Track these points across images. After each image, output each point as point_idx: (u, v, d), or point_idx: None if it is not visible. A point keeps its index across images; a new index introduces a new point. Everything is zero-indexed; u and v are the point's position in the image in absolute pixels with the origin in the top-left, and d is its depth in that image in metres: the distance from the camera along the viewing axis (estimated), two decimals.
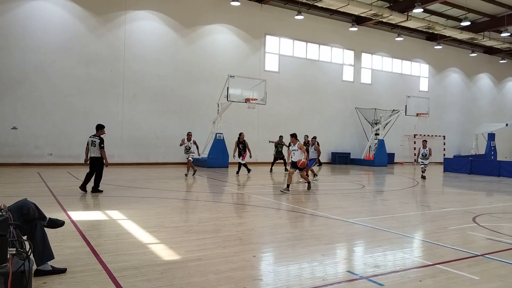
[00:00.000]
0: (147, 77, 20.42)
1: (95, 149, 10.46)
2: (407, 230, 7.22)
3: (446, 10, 25.71)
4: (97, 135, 10.59)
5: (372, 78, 28.58)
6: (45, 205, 7.84)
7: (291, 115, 24.67)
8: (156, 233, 6.36)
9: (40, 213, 4.30)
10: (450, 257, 5.48)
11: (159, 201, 9.54)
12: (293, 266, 4.98)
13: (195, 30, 21.76)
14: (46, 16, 18.22)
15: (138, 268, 4.62)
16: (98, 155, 10.47)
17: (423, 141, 18.10)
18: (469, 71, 34.17)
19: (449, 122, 32.66)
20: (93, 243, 5.58)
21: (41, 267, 4.20)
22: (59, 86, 18.46)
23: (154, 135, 20.63)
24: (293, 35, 24.82)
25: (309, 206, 9.48)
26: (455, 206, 10.25)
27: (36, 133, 17.98)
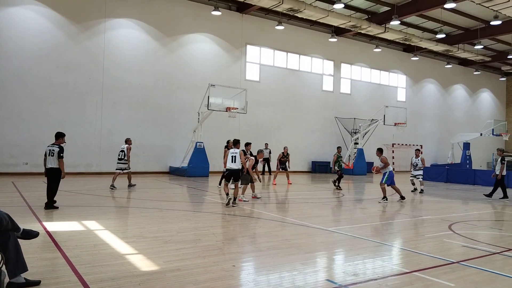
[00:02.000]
0: (126, 86, 20.21)
1: (52, 159, 9.31)
2: (386, 238, 7.31)
3: (422, 22, 26.41)
4: (56, 143, 9.53)
5: (352, 88, 29.02)
6: (19, 215, 7.64)
7: (272, 124, 24.78)
8: (134, 243, 6.27)
9: (14, 224, 4.19)
10: (427, 264, 5.56)
11: (138, 211, 9.40)
12: (273, 275, 4.97)
13: (176, 39, 21.72)
14: (23, 23, 17.89)
15: (115, 279, 4.53)
16: (55, 165, 9.32)
17: (416, 150, 16.95)
18: (445, 82, 35.07)
19: (426, 132, 33.37)
20: (69, 254, 5.46)
21: (14, 279, 4.08)
22: (36, 94, 18.09)
23: (134, 144, 20.31)
24: (273, 45, 25.04)
25: (289, 215, 9.50)
26: (432, 214, 10.44)
27: (11, 142, 17.54)
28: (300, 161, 26.24)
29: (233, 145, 11.02)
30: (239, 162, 10.59)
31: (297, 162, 26.09)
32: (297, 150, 25.84)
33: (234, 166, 10.57)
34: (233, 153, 10.69)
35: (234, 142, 11.08)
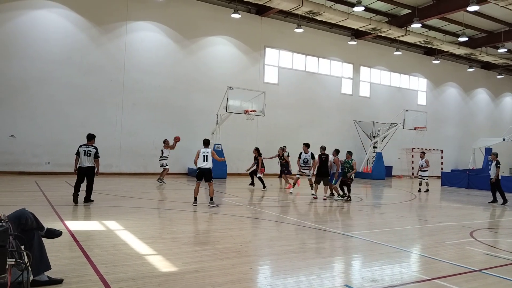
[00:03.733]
0: (146, 87, 20.48)
1: (89, 159, 10.16)
2: (405, 244, 7.21)
3: (444, 25, 26.00)
4: (89, 144, 10.34)
5: (371, 91, 28.75)
6: (42, 214, 7.81)
7: (290, 127, 24.73)
8: (153, 244, 6.34)
9: (38, 223, 4.30)
10: (448, 272, 5.47)
11: (157, 212, 9.52)
12: (291, 279, 4.97)
13: (195, 42, 21.91)
14: (47, 26, 18.33)
15: (135, 279, 4.60)
16: (92, 164, 10.23)
17: (421, 152, 18.25)
18: (467, 86, 34.42)
19: (447, 136, 32.79)
20: (90, 253, 5.56)
21: (38, 277, 4.18)
22: (58, 95, 18.50)
23: (152, 145, 20.60)
24: (292, 47, 25.01)
25: (307, 219, 9.46)
26: (453, 220, 10.26)
27: (34, 142, 17.96)
28: None
29: (203, 145, 11.21)
30: (211, 162, 10.82)
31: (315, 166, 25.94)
32: (315, 153, 25.69)
33: (205, 165, 10.75)
34: (205, 152, 10.86)
35: (204, 142, 11.27)
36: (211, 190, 10.89)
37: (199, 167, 10.83)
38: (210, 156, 10.85)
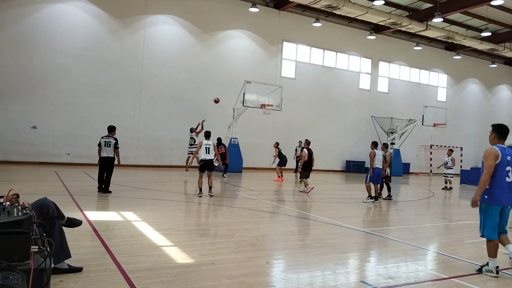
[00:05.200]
0: (164, 81, 20.64)
1: (109, 149, 10.70)
2: (422, 242, 7.13)
3: (466, 20, 25.43)
4: (110, 135, 10.89)
5: (389, 87, 28.37)
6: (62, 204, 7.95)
7: (307, 122, 24.62)
8: (170, 235, 6.42)
9: (59, 212, 4.39)
10: (466, 271, 5.40)
11: (173, 204, 9.62)
12: (306, 274, 4.97)
13: (213, 35, 21.94)
14: (67, 19, 18.59)
15: (152, 270, 4.67)
16: (112, 155, 10.72)
17: (448, 150, 18.20)
18: (489, 82, 33.65)
19: (467, 134, 32.17)
20: (109, 243, 5.66)
21: (58, 265, 4.28)
22: (79, 87, 18.79)
23: (170, 138, 20.80)
24: (310, 42, 24.83)
25: (323, 214, 9.43)
26: (472, 219, 10.08)
27: (54, 133, 18.32)
28: (334, 160, 25.98)
29: (205, 137, 11.52)
30: (213, 153, 11.21)
31: (331, 161, 25.85)
32: (331, 149, 25.60)
33: (208, 157, 11.13)
34: (207, 144, 11.26)
35: (206, 134, 11.59)
36: (210, 181, 11.34)
37: (203, 159, 11.27)
38: (212, 148, 11.29)
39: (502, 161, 5.23)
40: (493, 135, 5.48)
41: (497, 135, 5.43)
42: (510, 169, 5.28)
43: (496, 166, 5.22)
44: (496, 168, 5.23)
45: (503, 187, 5.24)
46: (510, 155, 5.31)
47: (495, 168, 5.23)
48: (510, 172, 5.27)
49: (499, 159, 5.22)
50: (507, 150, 5.34)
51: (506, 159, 5.26)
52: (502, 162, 5.23)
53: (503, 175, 5.24)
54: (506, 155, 5.28)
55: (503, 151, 5.28)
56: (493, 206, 5.28)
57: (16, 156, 17.55)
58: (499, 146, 5.36)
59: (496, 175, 5.24)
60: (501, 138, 5.43)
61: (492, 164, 5.21)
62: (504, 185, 5.25)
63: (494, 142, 5.45)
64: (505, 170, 5.25)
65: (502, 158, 5.23)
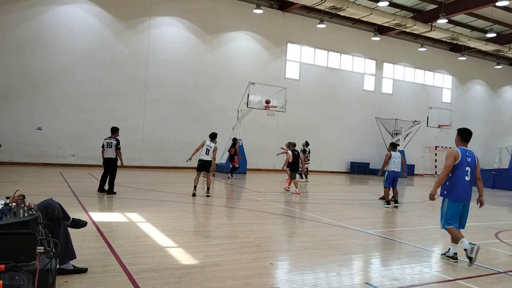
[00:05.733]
0: (168, 82, 20.69)
1: (111, 150, 10.76)
2: (427, 243, 7.10)
3: (471, 21, 25.32)
4: (112, 137, 10.92)
5: (394, 88, 28.30)
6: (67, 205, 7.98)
7: (311, 123, 24.60)
8: (175, 236, 6.43)
9: (65, 213, 4.41)
10: (472, 273, 5.37)
11: (178, 205, 9.63)
12: (310, 275, 4.96)
13: (217, 37, 21.98)
14: (72, 21, 18.69)
15: (157, 271, 4.68)
16: (114, 156, 10.78)
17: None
18: (494, 83, 33.49)
19: (472, 135, 31.96)
20: (113, 244, 5.68)
21: (63, 266, 4.29)
22: (83, 88, 18.88)
23: (174, 140, 20.85)
24: (314, 43, 24.82)
25: (327, 216, 9.41)
26: (477, 221, 10.04)
27: (59, 134, 18.41)
28: (338, 162, 25.94)
29: (210, 138, 11.65)
30: (211, 155, 11.28)
31: (335, 162, 25.81)
32: (336, 150, 25.57)
33: (206, 158, 11.29)
34: (208, 146, 11.37)
35: (211, 136, 11.70)
36: (208, 181, 11.43)
37: (201, 159, 11.39)
38: (212, 150, 11.33)
39: (462, 161, 5.76)
40: (457, 138, 6.08)
41: (461, 138, 6.05)
42: (469, 169, 5.81)
43: (456, 166, 5.75)
44: (456, 167, 5.75)
45: (463, 185, 5.76)
46: (470, 157, 5.88)
47: (455, 168, 5.75)
48: (469, 172, 5.81)
49: (458, 159, 5.76)
50: (468, 152, 5.89)
51: (466, 160, 5.80)
52: (462, 163, 5.76)
53: (463, 174, 5.77)
54: (466, 156, 5.82)
55: (464, 153, 5.83)
56: (455, 202, 5.82)
57: (21, 157, 17.64)
58: (461, 148, 5.91)
59: (457, 175, 5.76)
60: (464, 140, 6.03)
61: (451, 164, 5.75)
62: (464, 184, 5.77)
63: (458, 144, 6.04)
64: (464, 170, 5.78)
65: (462, 159, 5.77)
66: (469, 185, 5.83)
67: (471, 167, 5.85)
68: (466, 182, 5.79)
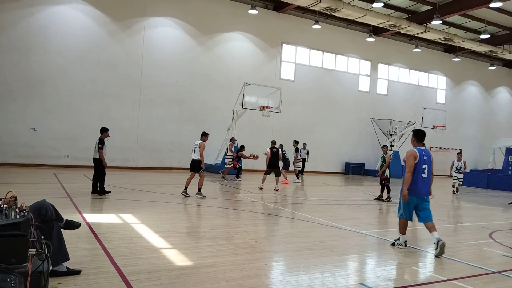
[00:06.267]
0: (163, 83, 20.64)
1: (95, 150, 10.82)
2: (422, 244, 7.12)
3: (465, 22, 25.46)
4: (100, 137, 10.89)
5: (389, 89, 28.40)
6: (61, 206, 7.95)
7: (306, 124, 24.62)
8: (169, 238, 6.40)
9: (58, 215, 4.37)
10: (466, 273, 5.39)
11: (172, 206, 9.60)
12: (305, 276, 4.96)
13: (213, 37, 21.96)
14: (66, 21, 18.59)
15: (151, 272, 4.65)
16: (97, 156, 10.77)
17: (457, 153, 17.92)
18: (488, 84, 33.70)
19: (466, 136, 32.19)
20: (108, 245, 5.64)
21: (57, 267, 4.26)
22: (78, 89, 18.78)
23: (169, 140, 20.79)
24: (309, 44, 24.85)
25: (322, 216, 9.42)
26: (471, 221, 10.09)
27: (53, 135, 18.29)
28: (333, 162, 25.98)
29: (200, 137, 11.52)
30: (198, 153, 11.09)
31: (330, 163, 25.85)
32: (331, 151, 25.60)
33: (193, 157, 11.21)
34: (195, 144, 11.34)
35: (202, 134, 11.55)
36: (199, 182, 11.24)
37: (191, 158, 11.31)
38: (198, 147, 11.17)
39: (420, 160, 6.30)
40: (413, 139, 6.57)
41: (416, 139, 6.52)
42: (426, 167, 6.34)
43: (415, 165, 6.26)
44: (415, 166, 6.27)
45: (420, 181, 6.30)
46: (426, 155, 6.39)
47: (415, 166, 6.26)
48: (426, 170, 6.34)
49: (417, 159, 6.27)
50: (424, 151, 6.40)
51: (423, 159, 6.32)
52: (420, 162, 6.29)
53: (420, 172, 6.30)
54: (423, 155, 6.34)
55: (421, 152, 6.34)
56: (412, 197, 6.33)
57: (15, 158, 17.51)
58: (418, 148, 6.41)
59: (416, 172, 6.27)
60: (419, 141, 6.51)
61: (412, 164, 6.26)
62: (421, 180, 6.30)
63: (414, 145, 6.52)
64: (422, 167, 6.31)
65: (420, 158, 6.29)
66: (426, 182, 6.35)
67: (427, 164, 6.36)
68: (424, 179, 6.32)
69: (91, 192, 10.72)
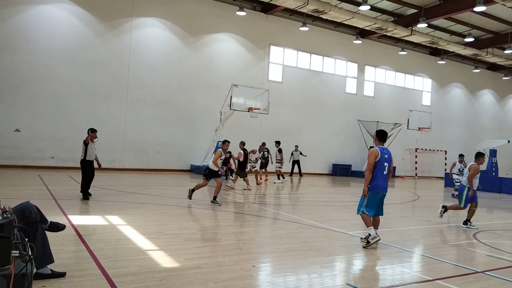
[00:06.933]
0: (150, 84, 20.51)
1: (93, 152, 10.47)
2: (407, 244, 7.20)
3: (450, 26, 25.87)
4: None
5: (375, 91, 28.67)
6: (46, 208, 7.84)
7: (294, 125, 24.71)
8: (156, 239, 6.36)
9: (42, 216, 4.32)
10: (450, 273, 5.46)
11: (159, 208, 9.53)
12: (292, 277, 4.97)
13: (200, 39, 21.91)
14: (52, 21, 18.37)
15: (137, 274, 4.61)
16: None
17: (459, 155, 17.00)
18: (472, 87, 34.26)
19: (451, 137, 32.66)
20: (93, 247, 5.58)
21: (41, 270, 4.20)
22: (63, 89, 18.55)
23: (156, 142, 20.66)
24: (297, 46, 24.96)
25: (309, 218, 9.45)
26: (456, 221, 10.23)
27: (38, 136, 18.03)
28: (320, 164, 26.11)
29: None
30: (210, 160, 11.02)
31: (318, 164, 25.97)
32: (318, 152, 25.73)
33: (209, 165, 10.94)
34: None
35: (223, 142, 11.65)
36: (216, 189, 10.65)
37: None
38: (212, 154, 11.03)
39: (381, 158, 6.68)
40: (375, 139, 7.04)
41: (378, 139, 6.97)
42: (387, 165, 6.75)
43: (376, 163, 6.66)
44: (376, 164, 6.66)
45: (381, 178, 6.69)
46: (387, 154, 6.79)
47: (376, 164, 6.65)
48: (386, 167, 6.74)
49: (378, 157, 6.66)
50: (385, 150, 6.81)
51: (384, 157, 6.72)
52: (381, 160, 6.68)
53: (382, 169, 6.70)
54: (384, 154, 6.75)
55: (382, 151, 6.75)
56: (374, 193, 6.72)
57: None
58: (379, 147, 6.83)
59: (377, 169, 6.66)
60: (381, 140, 6.96)
61: (372, 162, 6.66)
62: (382, 177, 6.70)
63: (377, 144, 6.96)
64: (383, 165, 6.70)
65: (381, 156, 6.69)
66: (386, 178, 6.78)
67: (388, 162, 6.76)
68: (384, 176, 6.72)
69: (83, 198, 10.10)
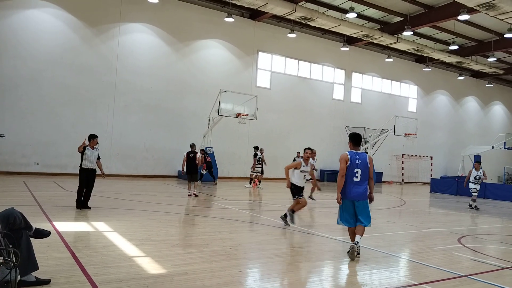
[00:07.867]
0: (138, 89, 20.41)
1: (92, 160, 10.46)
2: (393, 249, 7.26)
3: (435, 34, 26.33)
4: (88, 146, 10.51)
5: (362, 97, 28.97)
6: (30, 215, 7.73)
7: (282, 131, 24.81)
8: (143, 246, 6.31)
9: (27, 223, 4.26)
10: (435, 277, 5.52)
11: (146, 214, 9.46)
12: (279, 282, 4.98)
13: (188, 45, 21.91)
14: (39, 25, 18.20)
15: (123, 281, 4.57)
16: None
17: (475, 161, 15.88)
18: (457, 93, 34.84)
19: (437, 143, 33.12)
20: (79, 254, 5.52)
21: (25, 277, 4.14)
22: (49, 95, 18.36)
23: (144, 147, 20.53)
24: (285, 52, 25.13)
25: (297, 223, 9.48)
26: (441, 226, 10.36)
27: (23, 142, 17.78)
28: None
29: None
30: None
31: None
32: None
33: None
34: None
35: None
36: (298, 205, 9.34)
37: None
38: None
39: (352, 164, 6.23)
40: (350, 143, 6.55)
41: (352, 143, 6.49)
42: (359, 171, 6.24)
43: (347, 169, 6.22)
44: (347, 170, 6.22)
45: (351, 185, 6.24)
46: (360, 159, 6.29)
47: (346, 170, 6.22)
48: (358, 173, 6.24)
49: (348, 162, 6.23)
50: (358, 154, 6.33)
51: (355, 162, 6.25)
52: (351, 165, 6.23)
53: (352, 175, 6.24)
54: (356, 159, 6.27)
55: (354, 156, 6.30)
56: (345, 200, 6.34)
57: None
58: (351, 151, 6.38)
59: (347, 175, 6.25)
60: (356, 144, 6.47)
61: (344, 167, 6.24)
62: (352, 184, 6.24)
63: (351, 148, 6.50)
64: (354, 171, 6.24)
65: (351, 162, 6.24)
66: (358, 185, 6.24)
67: (361, 168, 6.25)
68: (356, 182, 6.23)
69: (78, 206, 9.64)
